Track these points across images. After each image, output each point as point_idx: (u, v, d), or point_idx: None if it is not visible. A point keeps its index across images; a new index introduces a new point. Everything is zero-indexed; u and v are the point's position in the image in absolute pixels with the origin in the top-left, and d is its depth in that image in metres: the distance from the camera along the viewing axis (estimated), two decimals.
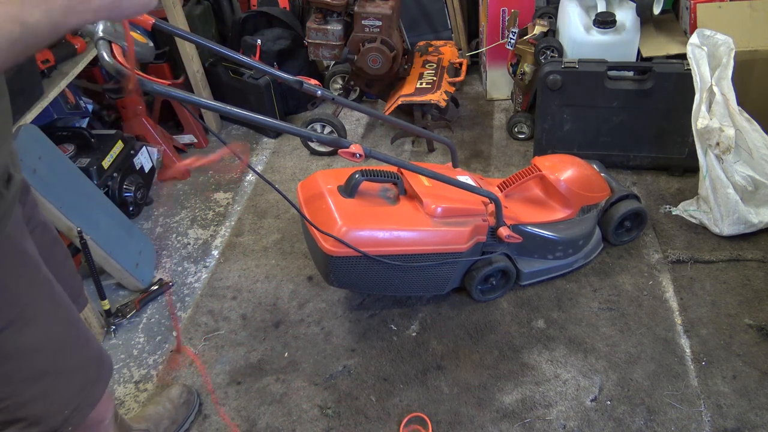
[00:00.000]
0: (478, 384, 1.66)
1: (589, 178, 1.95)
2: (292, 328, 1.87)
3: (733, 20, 2.15)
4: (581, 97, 2.19)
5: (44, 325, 0.95)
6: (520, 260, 1.88)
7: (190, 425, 1.61)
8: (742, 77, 2.01)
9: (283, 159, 2.64)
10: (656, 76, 2.09)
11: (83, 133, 2.19)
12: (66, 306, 1.02)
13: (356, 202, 1.63)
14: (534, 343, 1.75)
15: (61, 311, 1.00)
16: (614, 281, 1.92)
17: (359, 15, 2.44)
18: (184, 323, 1.92)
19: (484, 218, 1.75)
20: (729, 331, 1.73)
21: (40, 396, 0.94)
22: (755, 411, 1.53)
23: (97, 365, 1.07)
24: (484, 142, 2.64)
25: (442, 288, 1.83)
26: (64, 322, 1.01)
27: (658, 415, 1.54)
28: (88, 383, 1.04)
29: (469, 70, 2.83)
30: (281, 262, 2.11)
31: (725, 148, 1.86)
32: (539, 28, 2.39)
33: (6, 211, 0.87)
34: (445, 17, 2.98)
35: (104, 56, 0.95)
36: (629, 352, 1.70)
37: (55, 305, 0.99)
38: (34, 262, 0.95)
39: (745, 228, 1.98)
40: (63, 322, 1.01)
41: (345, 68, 2.77)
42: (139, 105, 2.46)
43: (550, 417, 1.56)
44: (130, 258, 2.01)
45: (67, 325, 1.02)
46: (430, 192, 1.70)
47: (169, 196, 2.50)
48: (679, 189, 2.25)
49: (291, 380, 1.71)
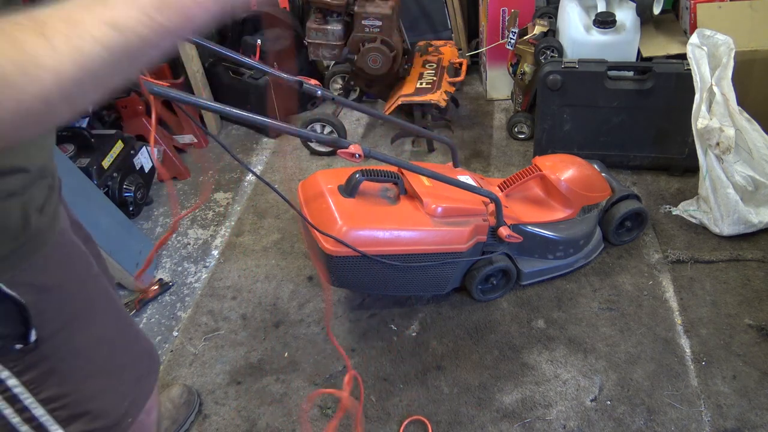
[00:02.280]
0: (478, 384, 1.66)
1: (589, 178, 1.95)
2: (292, 328, 1.87)
3: (733, 20, 2.15)
4: (581, 97, 2.19)
5: (102, 319, 0.97)
6: (520, 260, 1.89)
7: (191, 425, 1.61)
8: (742, 77, 2.01)
9: (282, 159, 2.64)
10: (656, 76, 2.09)
11: (83, 133, 2.19)
12: (117, 301, 1.04)
13: (356, 202, 1.63)
14: (534, 343, 1.75)
15: (114, 305, 1.03)
16: (614, 281, 1.92)
17: (359, 15, 2.44)
18: (184, 323, 1.92)
19: (485, 218, 1.75)
20: (729, 331, 1.73)
21: (103, 389, 0.96)
22: (755, 411, 1.53)
23: (148, 358, 1.09)
24: (484, 142, 2.64)
25: (442, 288, 1.83)
26: (118, 316, 1.03)
27: (658, 415, 1.54)
28: (142, 375, 1.06)
29: (469, 70, 2.83)
30: (281, 262, 2.11)
31: (725, 148, 1.86)
32: (539, 28, 2.39)
33: (57, 206, 0.88)
34: (445, 17, 2.98)
35: None
36: (629, 352, 1.70)
37: (109, 300, 1.01)
38: (87, 257, 0.96)
39: (745, 228, 1.98)
40: (117, 316, 1.03)
41: (345, 68, 2.77)
42: (139, 105, 2.46)
43: (550, 417, 1.56)
44: (130, 258, 2.01)
45: (120, 319, 1.04)
46: (431, 192, 1.70)
47: (169, 196, 2.50)
48: (679, 189, 2.25)
49: (291, 380, 1.71)
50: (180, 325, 1.92)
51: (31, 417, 0.87)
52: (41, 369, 0.85)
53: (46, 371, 0.86)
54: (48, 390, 0.87)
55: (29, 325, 0.81)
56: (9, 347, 0.80)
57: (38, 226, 0.81)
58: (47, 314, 0.83)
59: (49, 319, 0.84)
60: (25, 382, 0.84)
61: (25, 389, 0.85)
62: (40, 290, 0.82)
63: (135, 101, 2.44)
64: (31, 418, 0.87)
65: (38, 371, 0.85)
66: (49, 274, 0.85)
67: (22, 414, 0.86)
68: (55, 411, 0.88)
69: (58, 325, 0.86)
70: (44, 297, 0.83)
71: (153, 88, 1.03)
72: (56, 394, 0.88)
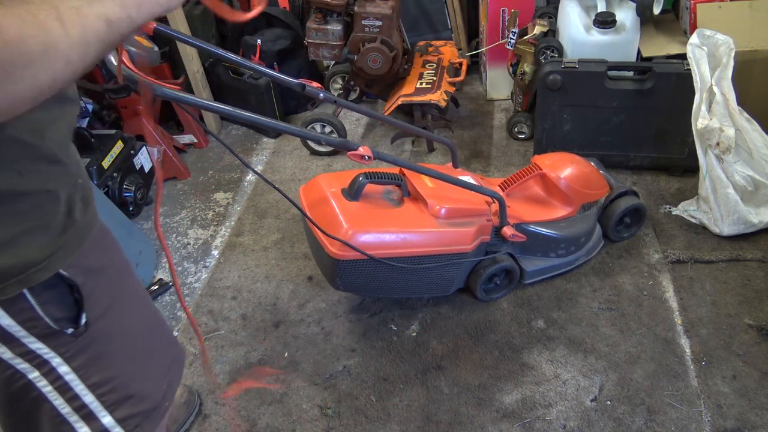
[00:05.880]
0: (478, 384, 1.66)
1: (588, 176, 1.96)
2: (292, 328, 1.87)
3: (733, 20, 2.15)
4: (581, 97, 2.19)
5: (137, 304, 1.00)
6: (522, 259, 1.89)
7: (191, 425, 1.61)
8: (742, 77, 2.01)
9: (283, 159, 2.64)
10: (656, 76, 2.09)
11: (83, 133, 2.19)
12: (143, 288, 1.08)
13: (361, 205, 1.63)
14: (534, 343, 1.75)
15: (143, 292, 1.06)
16: (614, 281, 1.92)
17: (359, 15, 2.44)
18: (184, 323, 1.92)
19: (488, 218, 1.75)
20: (729, 331, 1.73)
21: (142, 372, 0.98)
22: (755, 411, 1.53)
23: (175, 345, 1.12)
24: (484, 142, 2.64)
25: (447, 289, 1.83)
26: (149, 303, 1.06)
27: (658, 415, 1.54)
28: (173, 361, 1.08)
29: (469, 70, 2.83)
30: (281, 262, 2.11)
31: (725, 148, 1.86)
32: (539, 28, 2.39)
33: (91, 196, 0.92)
34: (445, 17, 2.98)
35: (112, 61, 0.96)
36: (629, 352, 1.70)
37: (139, 286, 1.04)
38: (119, 245, 0.99)
39: (745, 228, 1.98)
40: (148, 303, 1.06)
41: (345, 68, 2.77)
42: (140, 105, 2.46)
43: (550, 417, 1.56)
44: (130, 258, 1.99)
45: (150, 305, 1.07)
46: (434, 193, 1.70)
47: (169, 196, 2.50)
48: (679, 189, 2.25)
49: (291, 380, 1.71)
50: (180, 325, 1.92)
51: (81, 405, 0.88)
52: (90, 353, 0.87)
53: (94, 355, 0.88)
54: (96, 375, 0.88)
55: (81, 307, 0.83)
56: (62, 331, 0.82)
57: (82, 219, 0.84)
58: (94, 296, 0.85)
59: (96, 301, 0.86)
60: (75, 367, 0.86)
61: (75, 376, 0.86)
62: (87, 272, 0.84)
63: (135, 101, 2.44)
64: (81, 405, 0.88)
65: (87, 356, 0.87)
66: (94, 257, 0.87)
67: (73, 403, 0.87)
68: (104, 396, 0.90)
69: (104, 308, 0.88)
70: (92, 279, 0.85)
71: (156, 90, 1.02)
72: (103, 378, 0.90)
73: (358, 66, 2.53)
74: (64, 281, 0.80)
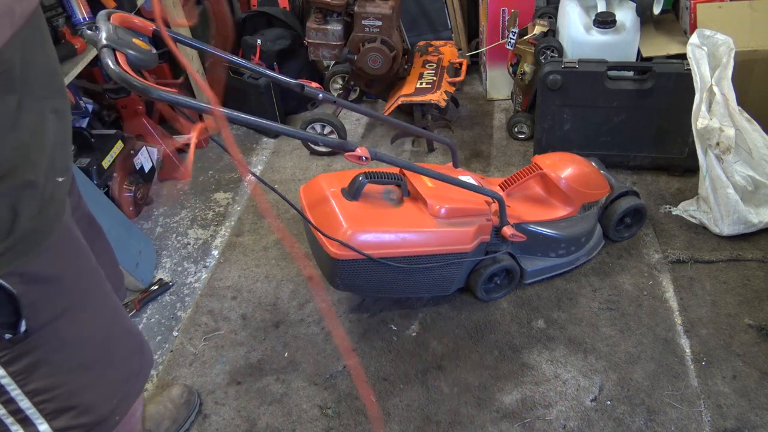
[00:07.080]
0: (478, 384, 1.66)
1: (589, 176, 1.96)
2: (292, 328, 1.87)
3: (733, 20, 2.15)
4: (581, 97, 2.19)
5: (95, 313, 0.98)
6: (523, 259, 1.89)
7: (191, 425, 1.61)
8: (742, 77, 2.01)
9: (282, 159, 2.64)
10: (656, 76, 2.09)
11: (83, 133, 2.19)
12: (111, 296, 1.04)
13: (360, 205, 1.63)
14: (534, 343, 1.75)
15: (109, 301, 1.03)
16: (614, 281, 1.92)
17: (359, 15, 2.44)
18: (184, 323, 1.92)
19: (488, 218, 1.75)
20: (729, 331, 1.73)
21: (91, 384, 0.96)
22: (755, 411, 1.53)
23: (139, 356, 1.09)
24: (484, 142, 2.64)
25: (447, 289, 1.83)
26: (112, 312, 1.04)
27: (658, 415, 1.54)
28: (132, 374, 1.06)
29: (469, 70, 2.83)
30: (281, 262, 2.11)
31: (725, 148, 1.86)
32: (539, 28, 2.39)
33: (63, 200, 0.89)
34: (445, 17, 2.98)
35: (109, 64, 0.95)
36: (629, 352, 1.70)
37: (104, 295, 1.01)
38: (86, 251, 0.97)
39: (745, 228, 1.98)
40: (110, 312, 1.03)
41: (345, 68, 2.77)
42: (139, 105, 2.46)
43: (550, 417, 1.56)
44: (130, 258, 2.01)
45: (113, 314, 1.04)
46: (434, 193, 1.70)
47: (169, 196, 2.50)
48: (679, 189, 2.25)
49: (291, 380, 1.71)
50: (180, 325, 1.92)
51: (17, 409, 0.87)
52: (29, 360, 0.86)
53: (34, 363, 0.86)
54: (35, 382, 0.87)
55: (19, 315, 0.81)
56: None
57: (32, 227, 0.81)
58: (38, 305, 0.84)
59: (40, 310, 0.84)
60: (12, 372, 0.85)
61: (11, 380, 0.85)
62: (31, 281, 0.82)
63: (135, 101, 2.44)
64: (17, 410, 0.87)
65: (26, 362, 0.85)
66: (47, 265, 0.85)
67: (8, 406, 0.86)
68: (42, 404, 0.89)
69: (49, 317, 0.86)
70: (36, 288, 0.83)
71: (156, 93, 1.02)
72: (43, 386, 0.88)
73: (358, 66, 2.53)
74: (2, 289, 0.79)
